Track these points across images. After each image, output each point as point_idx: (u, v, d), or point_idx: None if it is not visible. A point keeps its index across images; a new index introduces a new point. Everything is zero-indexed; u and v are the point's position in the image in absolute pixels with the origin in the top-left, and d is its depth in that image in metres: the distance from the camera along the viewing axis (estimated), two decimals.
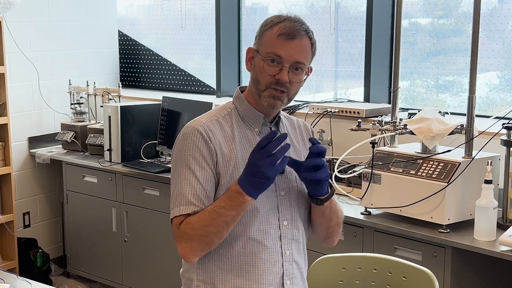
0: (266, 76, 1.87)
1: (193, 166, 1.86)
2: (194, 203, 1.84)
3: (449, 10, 3.84)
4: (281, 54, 1.85)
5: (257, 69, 1.89)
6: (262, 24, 1.93)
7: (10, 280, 2.41)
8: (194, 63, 5.19)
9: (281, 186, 1.95)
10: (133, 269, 4.27)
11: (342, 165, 3.47)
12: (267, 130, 1.96)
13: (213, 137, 1.89)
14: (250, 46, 1.96)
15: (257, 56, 1.90)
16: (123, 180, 4.21)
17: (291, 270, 1.96)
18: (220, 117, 1.95)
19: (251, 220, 1.89)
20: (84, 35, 5.06)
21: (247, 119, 1.96)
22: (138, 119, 4.33)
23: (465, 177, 2.79)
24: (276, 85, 1.87)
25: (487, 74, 3.65)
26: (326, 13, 4.23)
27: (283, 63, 1.86)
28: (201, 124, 1.91)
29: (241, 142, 1.92)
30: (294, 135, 2.05)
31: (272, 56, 1.86)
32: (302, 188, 1.99)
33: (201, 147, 1.87)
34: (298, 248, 2.00)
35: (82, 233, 4.56)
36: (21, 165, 4.69)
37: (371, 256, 2.39)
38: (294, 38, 1.86)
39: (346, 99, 4.10)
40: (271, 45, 1.86)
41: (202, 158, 1.87)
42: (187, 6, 5.09)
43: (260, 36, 1.91)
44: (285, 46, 1.85)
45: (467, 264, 2.80)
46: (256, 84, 1.90)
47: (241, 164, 1.89)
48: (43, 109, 4.80)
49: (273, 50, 1.86)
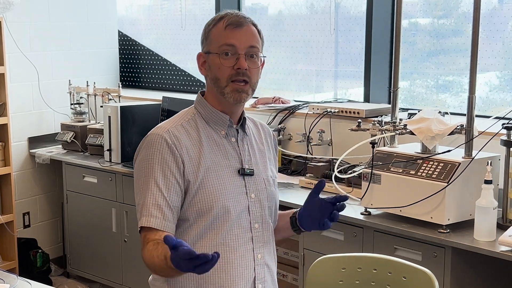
0: (225, 70, 1.85)
1: (157, 176, 1.82)
2: (155, 215, 1.80)
3: (449, 10, 3.84)
4: (233, 43, 1.85)
5: (213, 67, 1.88)
6: (205, 27, 1.93)
7: (10, 280, 2.41)
8: (194, 63, 5.15)
9: (250, 188, 1.93)
10: (133, 269, 4.27)
11: (342, 165, 3.47)
12: (233, 131, 1.95)
13: (178, 143, 1.85)
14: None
15: (210, 56, 1.88)
16: (123, 180, 4.21)
17: (263, 274, 1.95)
18: (184, 122, 1.91)
19: (223, 224, 1.87)
20: (84, 35, 5.06)
21: (212, 123, 1.93)
22: (138, 119, 4.33)
23: (465, 177, 2.79)
24: (237, 76, 1.85)
25: (487, 74, 3.65)
26: (326, 13, 4.23)
27: (238, 51, 1.85)
28: (166, 130, 1.87)
29: (209, 144, 1.90)
30: (258, 137, 2.05)
31: (225, 48, 1.85)
32: (270, 190, 1.99)
33: (166, 156, 1.83)
34: (269, 250, 1.99)
35: (82, 233, 4.56)
36: (21, 165, 4.70)
37: (371, 256, 2.39)
38: (242, 26, 1.86)
39: (346, 99, 4.10)
40: (221, 38, 1.86)
41: (167, 167, 1.83)
42: (187, 6, 5.09)
43: (207, 37, 1.90)
44: (235, 34, 1.85)
45: (467, 264, 2.80)
46: (216, 83, 1.88)
47: (211, 168, 1.86)
48: (43, 109, 4.81)
49: (224, 42, 1.85)
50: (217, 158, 1.88)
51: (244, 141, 1.96)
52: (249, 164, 1.94)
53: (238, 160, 1.92)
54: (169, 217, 1.82)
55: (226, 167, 1.89)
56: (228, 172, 1.89)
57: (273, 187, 2.00)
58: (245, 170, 1.91)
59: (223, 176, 1.88)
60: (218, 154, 1.89)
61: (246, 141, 1.97)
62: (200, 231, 1.87)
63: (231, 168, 1.90)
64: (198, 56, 1.93)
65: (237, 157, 1.93)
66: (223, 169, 1.89)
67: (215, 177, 1.87)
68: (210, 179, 1.85)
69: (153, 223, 1.79)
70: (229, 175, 1.89)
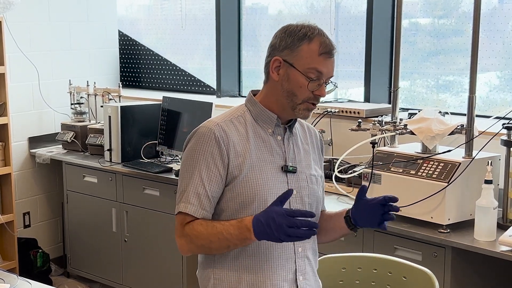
0: (306, 92, 1.92)
1: (201, 167, 1.92)
2: (193, 203, 1.91)
3: (449, 10, 3.83)
4: (323, 71, 1.92)
5: (294, 83, 1.93)
6: (292, 33, 1.94)
7: (10, 280, 2.41)
8: (194, 63, 5.19)
9: (292, 185, 1.99)
10: (133, 269, 4.27)
11: (342, 165, 3.47)
12: (280, 130, 2.02)
13: (226, 137, 1.93)
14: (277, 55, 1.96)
15: (291, 69, 1.92)
16: (123, 180, 4.21)
17: (303, 266, 2.01)
18: (234, 118, 2.00)
19: None
20: (84, 35, 5.06)
21: (261, 121, 2.00)
22: (138, 119, 4.33)
23: (465, 177, 2.79)
24: (314, 100, 1.94)
25: (487, 74, 3.65)
26: (326, 13, 4.23)
27: (322, 79, 1.93)
28: (215, 124, 1.95)
29: (255, 141, 1.97)
30: (304, 138, 2.11)
31: (314, 74, 1.91)
32: (312, 187, 2.05)
33: (213, 149, 1.92)
34: (310, 244, 2.05)
35: (82, 233, 4.56)
36: (21, 165, 4.69)
37: (371, 256, 2.39)
38: (332, 56, 1.95)
39: (346, 99, 4.10)
40: (312, 62, 1.91)
41: (212, 160, 1.92)
42: (187, 6, 5.09)
43: (293, 48, 1.92)
44: (326, 63, 1.93)
45: (467, 264, 2.80)
46: (291, 97, 1.94)
47: (255, 163, 1.94)
48: (43, 109, 4.81)
49: (315, 67, 1.91)
50: (262, 154, 1.96)
51: (290, 140, 2.03)
52: (293, 162, 2.01)
53: (282, 158, 2.00)
54: (207, 207, 1.92)
55: (270, 163, 1.97)
56: (271, 168, 1.97)
57: (315, 185, 2.06)
58: (288, 167, 1.99)
59: (266, 172, 1.95)
60: (264, 150, 1.97)
61: (292, 140, 2.04)
62: None
63: (275, 165, 1.98)
64: (274, 60, 1.95)
65: (282, 154, 2.00)
66: (267, 165, 1.96)
67: (259, 172, 1.94)
68: (254, 174, 1.93)
69: (191, 210, 1.90)
70: (272, 171, 1.97)
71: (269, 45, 1.99)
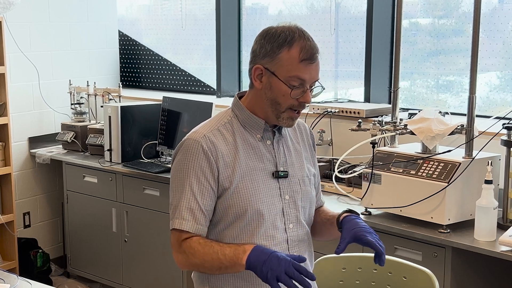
0: (289, 100, 1.86)
1: (192, 181, 1.87)
2: (188, 219, 1.87)
3: (449, 10, 3.83)
4: (305, 78, 1.85)
5: (276, 91, 1.87)
6: (269, 38, 1.87)
7: (10, 280, 2.41)
8: (194, 63, 5.19)
9: (285, 190, 1.97)
10: (133, 269, 4.27)
11: (342, 165, 3.47)
12: (269, 134, 1.97)
13: (214, 149, 1.88)
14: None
15: (273, 77, 1.86)
16: (123, 180, 4.21)
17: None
18: (221, 125, 1.94)
19: (257, 226, 1.91)
20: (84, 35, 5.06)
21: (249, 126, 1.95)
22: (138, 119, 4.33)
23: (465, 177, 2.79)
24: (299, 107, 1.88)
25: (487, 74, 3.65)
26: (326, 13, 4.23)
27: (305, 85, 1.86)
28: (202, 136, 1.90)
29: (244, 148, 1.93)
30: (294, 136, 2.07)
31: (296, 81, 1.84)
32: (306, 190, 2.02)
33: (201, 162, 1.87)
34: (305, 247, 2.02)
35: (82, 233, 4.56)
36: (21, 165, 4.70)
37: (371, 256, 2.39)
38: (315, 60, 1.87)
39: (346, 99, 4.10)
40: (293, 69, 1.84)
41: (202, 173, 1.87)
42: (187, 6, 5.09)
43: (273, 56, 1.86)
44: (308, 69, 1.85)
45: (467, 264, 2.80)
46: (274, 105, 1.89)
47: (246, 172, 1.90)
48: (43, 109, 4.81)
49: (296, 74, 1.84)
50: (252, 162, 1.92)
51: (280, 143, 1.99)
52: (284, 166, 1.97)
53: (273, 163, 1.96)
54: (201, 221, 1.88)
55: (260, 171, 1.93)
56: (262, 175, 1.93)
57: (308, 186, 2.03)
58: (279, 173, 1.95)
59: (258, 180, 1.92)
60: (253, 157, 1.92)
61: (281, 143, 2.00)
62: (236, 232, 1.92)
63: (266, 171, 1.94)
64: (256, 68, 1.89)
65: (272, 159, 1.96)
66: (257, 173, 1.92)
67: (250, 181, 1.91)
68: (245, 184, 1.89)
69: (186, 226, 1.87)
70: (264, 178, 1.93)
71: (251, 50, 1.93)
